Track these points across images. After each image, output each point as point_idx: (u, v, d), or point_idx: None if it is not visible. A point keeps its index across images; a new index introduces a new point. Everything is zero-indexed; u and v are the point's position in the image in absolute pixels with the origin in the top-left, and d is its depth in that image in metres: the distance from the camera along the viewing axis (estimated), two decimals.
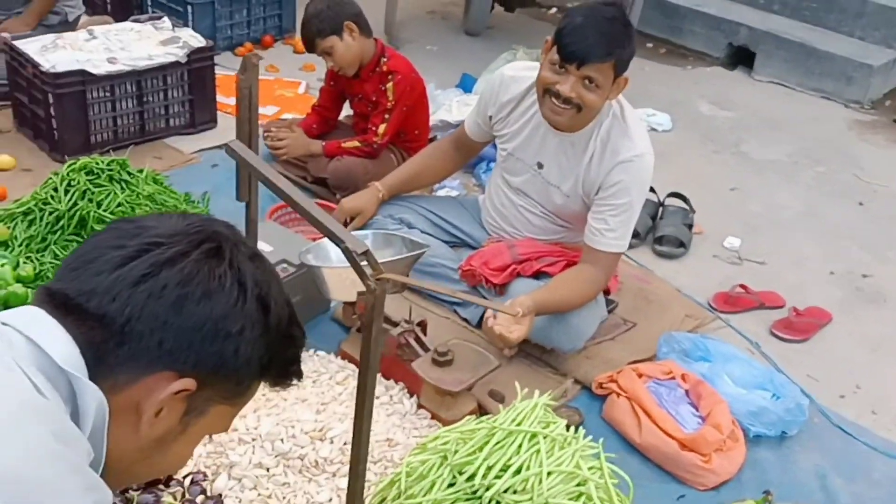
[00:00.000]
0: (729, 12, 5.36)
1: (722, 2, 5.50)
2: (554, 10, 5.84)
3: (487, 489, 1.76)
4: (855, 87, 4.91)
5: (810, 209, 3.79)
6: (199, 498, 2.02)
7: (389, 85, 3.22)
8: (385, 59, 3.26)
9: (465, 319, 2.78)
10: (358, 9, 3.26)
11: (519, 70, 2.67)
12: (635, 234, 3.29)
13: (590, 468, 1.84)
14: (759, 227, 3.59)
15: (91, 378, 0.95)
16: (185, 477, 2.07)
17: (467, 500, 1.79)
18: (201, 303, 0.97)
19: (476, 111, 2.80)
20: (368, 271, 1.49)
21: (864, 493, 2.36)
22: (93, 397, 0.94)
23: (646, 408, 2.39)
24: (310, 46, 3.24)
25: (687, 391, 2.50)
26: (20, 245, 2.66)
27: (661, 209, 3.46)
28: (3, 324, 0.95)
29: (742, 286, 3.11)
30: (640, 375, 2.51)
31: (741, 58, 5.30)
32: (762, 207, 3.75)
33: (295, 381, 1.13)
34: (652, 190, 3.51)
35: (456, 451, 1.84)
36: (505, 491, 1.76)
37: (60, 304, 0.97)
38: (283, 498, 2.07)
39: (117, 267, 0.96)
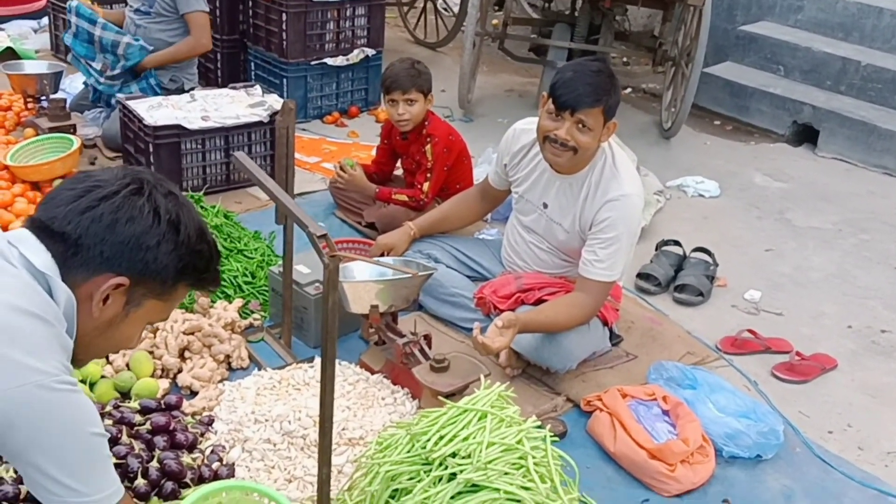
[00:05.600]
0: (794, 92, 5.57)
1: (789, 83, 5.71)
2: (629, 89, 6.20)
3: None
4: None
5: (842, 272, 3.91)
6: (216, 465, 2.40)
7: (428, 147, 3.64)
8: (427, 124, 3.69)
9: None
10: None
11: (528, 123, 3.03)
12: (657, 283, 3.57)
13: (534, 447, 2.11)
14: (784, 285, 3.75)
15: (61, 279, 1.42)
16: (206, 447, 2.46)
17: (423, 463, 2.09)
18: (127, 225, 1.44)
19: (496, 162, 3.18)
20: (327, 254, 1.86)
21: None
22: (62, 291, 1.43)
23: (623, 421, 2.62)
24: (400, 87, 3.58)
25: (667, 411, 2.71)
26: None
27: (683, 261, 3.69)
28: (8, 242, 1.44)
29: (750, 331, 3.29)
30: (624, 396, 2.75)
31: (807, 136, 5.47)
32: (792, 268, 3.91)
33: (212, 288, 1.60)
34: (678, 244, 3.78)
35: (417, 424, 2.15)
36: (452, 456, 2.05)
37: (37, 227, 1.46)
38: (285, 469, 2.42)
39: (71, 202, 1.45)
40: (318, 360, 2.89)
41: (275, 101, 4.21)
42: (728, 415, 2.72)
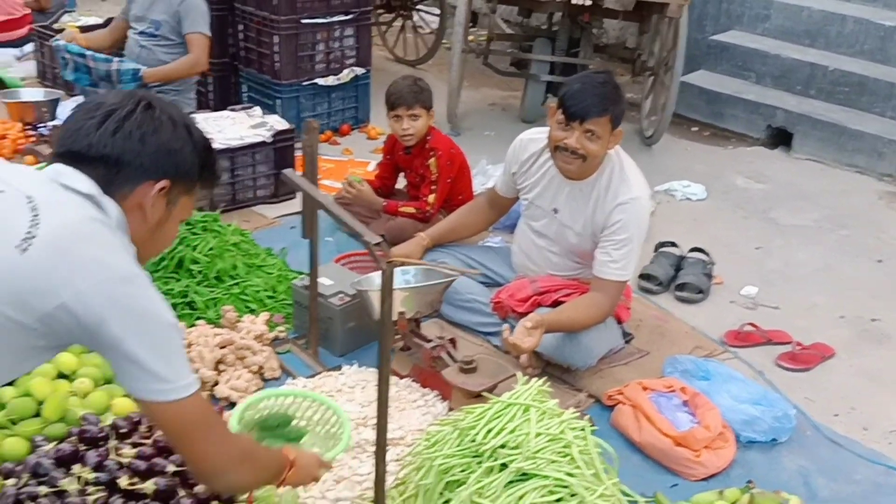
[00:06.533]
0: (767, 98, 5.80)
1: (761, 88, 5.94)
2: None
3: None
4: (886, 162, 5.24)
5: (828, 266, 4.10)
6: None
7: (432, 160, 3.78)
8: (429, 138, 3.83)
9: (496, 346, 3.21)
10: None
11: (534, 133, 3.18)
12: (658, 283, 3.72)
13: (576, 437, 2.23)
14: (777, 280, 3.93)
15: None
16: None
17: (472, 456, 2.20)
18: (154, 135, 1.61)
19: (503, 171, 3.32)
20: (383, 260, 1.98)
21: (842, 489, 2.65)
22: (112, 207, 1.58)
23: (646, 413, 2.76)
24: (405, 103, 3.74)
25: (685, 402, 2.85)
26: None
27: (682, 261, 3.85)
28: (48, 177, 1.58)
29: (752, 324, 3.45)
30: (644, 389, 2.89)
31: (781, 138, 5.69)
32: (782, 264, 4.10)
33: (216, 182, 1.80)
34: (674, 245, 3.94)
35: (464, 420, 2.27)
36: (501, 448, 2.16)
37: (70, 158, 1.59)
38: (332, 470, 2.51)
39: (97, 128, 1.59)
40: (346, 368, 3.00)
41: (276, 122, 4.31)
42: (742, 402, 2.87)
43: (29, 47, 6.10)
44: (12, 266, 1.44)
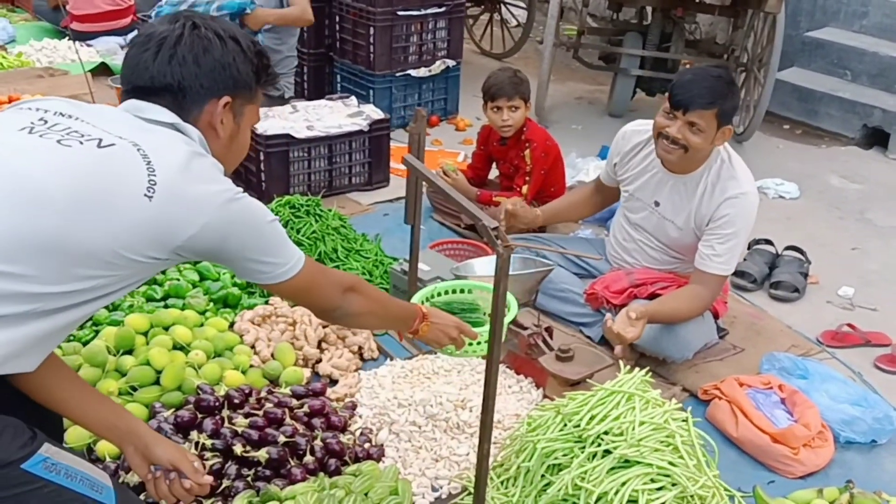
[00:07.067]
0: (863, 96, 5.67)
1: (857, 87, 5.80)
2: None
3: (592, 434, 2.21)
4: None
5: None
6: (367, 445, 2.57)
7: (527, 152, 3.82)
8: (525, 130, 3.87)
9: (588, 337, 3.24)
10: None
11: (639, 125, 3.19)
12: (752, 280, 3.69)
13: (678, 427, 2.25)
14: (875, 282, 3.86)
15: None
16: (356, 429, 2.63)
17: (575, 441, 2.24)
18: (205, 55, 1.71)
19: (607, 161, 3.34)
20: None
21: None
22: (192, 131, 1.71)
23: (743, 408, 2.75)
24: (505, 95, 3.80)
25: (783, 399, 2.84)
26: None
27: (777, 259, 3.81)
28: (132, 115, 1.70)
29: (849, 325, 3.40)
30: (741, 385, 2.88)
31: (877, 138, 5.56)
32: (880, 266, 4.01)
33: (274, 82, 1.91)
34: (769, 242, 3.90)
35: (566, 406, 2.31)
36: (605, 434, 2.20)
37: (141, 93, 1.72)
38: (431, 449, 2.58)
39: (154, 59, 1.70)
40: None
41: (371, 111, 4.40)
42: (841, 402, 2.84)
43: (132, 36, 6.33)
44: (147, 214, 1.58)
